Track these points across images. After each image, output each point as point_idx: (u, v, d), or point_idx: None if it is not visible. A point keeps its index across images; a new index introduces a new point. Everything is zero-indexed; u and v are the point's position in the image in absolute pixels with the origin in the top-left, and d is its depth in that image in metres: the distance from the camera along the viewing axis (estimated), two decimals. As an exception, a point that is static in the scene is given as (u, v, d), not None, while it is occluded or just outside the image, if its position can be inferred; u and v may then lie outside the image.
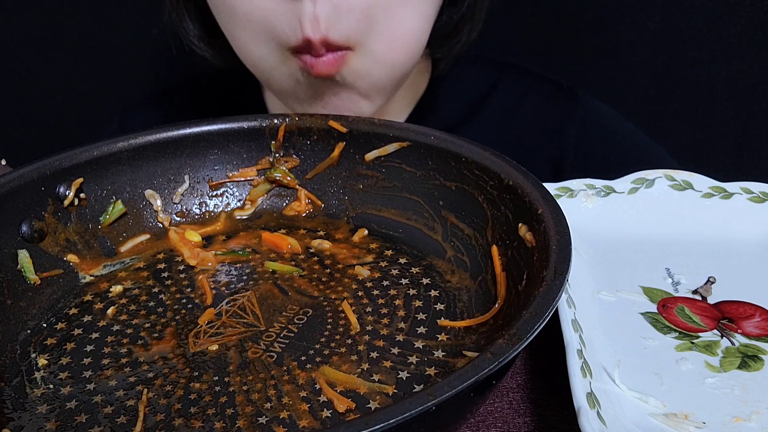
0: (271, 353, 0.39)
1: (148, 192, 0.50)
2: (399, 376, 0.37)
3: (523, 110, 0.72)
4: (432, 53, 0.66)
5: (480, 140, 0.47)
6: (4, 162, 0.61)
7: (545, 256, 0.36)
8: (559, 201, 0.40)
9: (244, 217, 0.52)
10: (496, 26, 0.88)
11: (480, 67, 0.73)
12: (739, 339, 0.40)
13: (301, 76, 0.54)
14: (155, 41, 0.91)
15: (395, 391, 0.36)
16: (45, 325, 0.42)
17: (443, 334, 0.40)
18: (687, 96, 0.91)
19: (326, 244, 0.48)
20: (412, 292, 0.44)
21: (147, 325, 0.42)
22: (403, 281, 0.44)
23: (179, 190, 0.51)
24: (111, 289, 0.45)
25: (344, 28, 0.51)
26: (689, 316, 0.42)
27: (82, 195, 0.47)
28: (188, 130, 0.50)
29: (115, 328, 0.42)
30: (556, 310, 0.38)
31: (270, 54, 0.54)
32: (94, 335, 0.41)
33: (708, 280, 0.45)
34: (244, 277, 0.46)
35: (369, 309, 0.42)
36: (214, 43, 0.64)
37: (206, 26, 0.63)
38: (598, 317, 0.42)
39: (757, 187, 0.50)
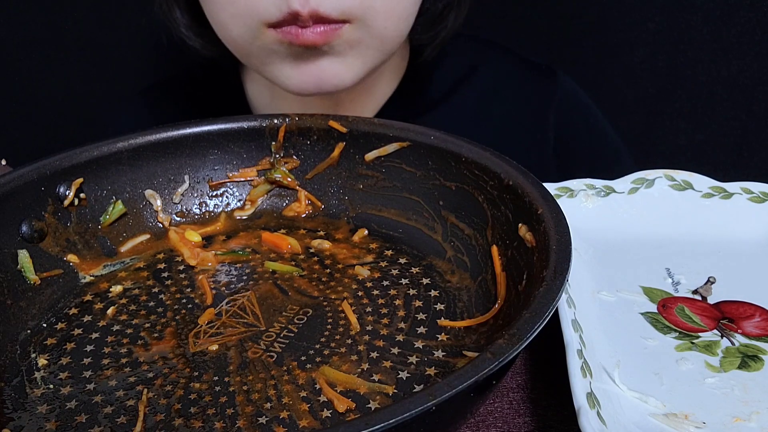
0: (271, 353, 0.39)
1: (148, 192, 0.50)
2: (399, 376, 0.37)
3: (504, 92, 0.72)
4: (416, 40, 0.67)
5: (460, 121, 0.47)
6: (4, 162, 0.61)
7: (545, 256, 0.36)
8: (559, 201, 0.40)
9: (244, 217, 0.52)
10: (495, 28, 0.89)
11: (461, 47, 0.73)
12: (739, 339, 0.40)
13: (278, 47, 0.54)
14: (155, 39, 0.91)
15: (395, 391, 0.36)
16: (45, 325, 0.42)
17: (443, 334, 0.40)
18: (687, 96, 0.91)
19: (326, 244, 0.48)
20: (412, 292, 0.44)
21: (147, 325, 0.42)
22: (403, 281, 0.44)
23: (179, 190, 0.51)
24: (111, 289, 0.45)
25: (338, 3, 0.51)
26: (689, 316, 0.42)
27: (82, 195, 0.47)
28: (188, 130, 0.50)
29: (115, 328, 0.42)
30: (556, 310, 0.38)
31: (246, 31, 0.54)
32: (94, 335, 0.41)
33: (708, 280, 0.45)
34: (244, 277, 0.46)
35: (369, 309, 0.42)
36: (202, 33, 0.65)
37: (194, 16, 0.64)
38: (598, 317, 0.42)
39: (757, 187, 0.50)
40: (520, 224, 0.41)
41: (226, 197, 0.52)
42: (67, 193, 0.46)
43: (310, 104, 0.67)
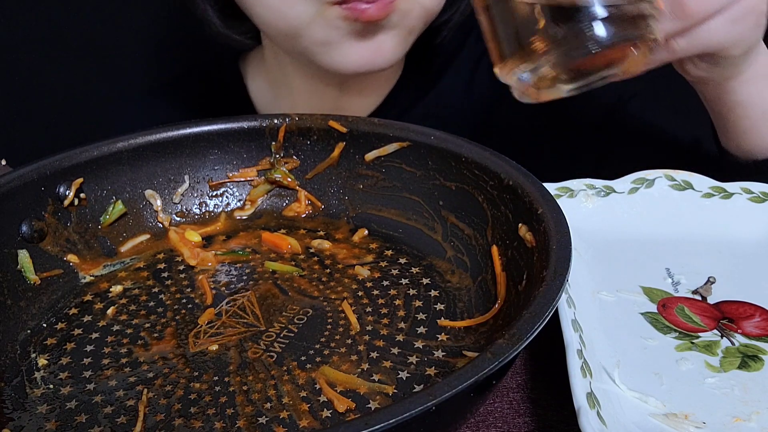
0: (271, 353, 0.39)
1: (148, 192, 0.50)
2: (399, 376, 0.37)
3: (480, 72, 0.73)
4: (435, 20, 0.68)
5: (456, 94, 0.48)
6: (4, 162, 0.61)
7: (545, 256, 0.36)
8: (559, 201, 0.40)
9: (244, 217, 0.52)
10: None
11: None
12: (739, 339, 0.40)
13: (341, 23, 0.55)
14: (156, 39, 0.91)
15: (395, 391, 0.36)
16: (45, 325, 0.42)
17: (443, 334, 0.40)
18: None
19: (326, 244, 0.48)
20: (412, 292, 0.44)
21: (147, 325, 0.42)
22: (403, 281, 0.45)
23: (179, 190, 0.51)
24: (111, 289, 0.45)
25: None
26: (689, 316, 0.42)
27: (82, 195, 0.47)
28: (188, 130, 0.50)
29: (115, 328, 0.42)
30: (556, 310, 0.38)
31: (307, 10, 0.55)
32: (94, 335, 0.41)
33: (708, 280, 0.45)
34: (244, 277, 0.46)
35: (369, 309, 0.42)
36: (231, 24, 0.65)
37: (222, 8, 0.64)
38: (598, 317, 0.42)
39: (757, 187, 0.50)
40: (520, 224, 0.41)
41: (226, 197, 0.52)
42: (67, 193, 0.46)
43: (315, 98, 0.68)
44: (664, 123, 0.65)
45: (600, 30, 0.35)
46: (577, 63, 0.37)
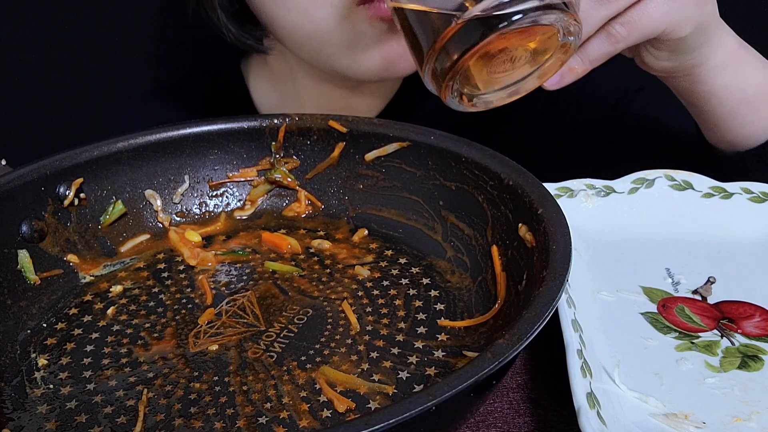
0: (271, 353, 0.39)
1: (148, 192, 0.50)
2: (399, 376, 0.37)
3: None
4: None
5: None
6: (4, 162, 0.61)
7: (545, 256, 0.36)
8: (559, 201, 0.40)
9: (244, 217, 0.52)
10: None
11: None
12: (739, 339, 0.41)
13: (366, 26, 0.55)
14: (157, 40, 0.91)
15: (395, 391, 0.36)
16: (45, 325, 0.42)
17: (443, 334, 0.40)
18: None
19: (326, 244, 0.48)
20: (412, 292, 0.44)
21: (147, 325, 0.42)
22: (403, 281, 0.45)
23: (179, 190, 0.51)
24: (111, 289, 0.45)
25: None
26: (689, 316, 0.42)
27: (82, 195, 0.47)
28: (188, 130, 0.50)
29: (115, 328, 0.42)
30: (556, 310, 0.38)
31: (333, 12, 0.55)
32: (94, 335, 0.41)
33: (708, 280, 0.45)
34: (244, 277, 0.46)
35: (369, 309, 0.42)
36: (246, 27, 0.65)
37: (234, 12, 0.64)
38: (598, 317, 0.42)
39: (757, 187, 0.50)
40: (520, 224, 0.41)
41: (226, 197, 0.52)
42: (67, 193, 0.46)
43: (324, 99, 0.68)
44: (669, 120, 0.65)
45: (504, 10, 0.35)
46: (495, 47, 0.36)
